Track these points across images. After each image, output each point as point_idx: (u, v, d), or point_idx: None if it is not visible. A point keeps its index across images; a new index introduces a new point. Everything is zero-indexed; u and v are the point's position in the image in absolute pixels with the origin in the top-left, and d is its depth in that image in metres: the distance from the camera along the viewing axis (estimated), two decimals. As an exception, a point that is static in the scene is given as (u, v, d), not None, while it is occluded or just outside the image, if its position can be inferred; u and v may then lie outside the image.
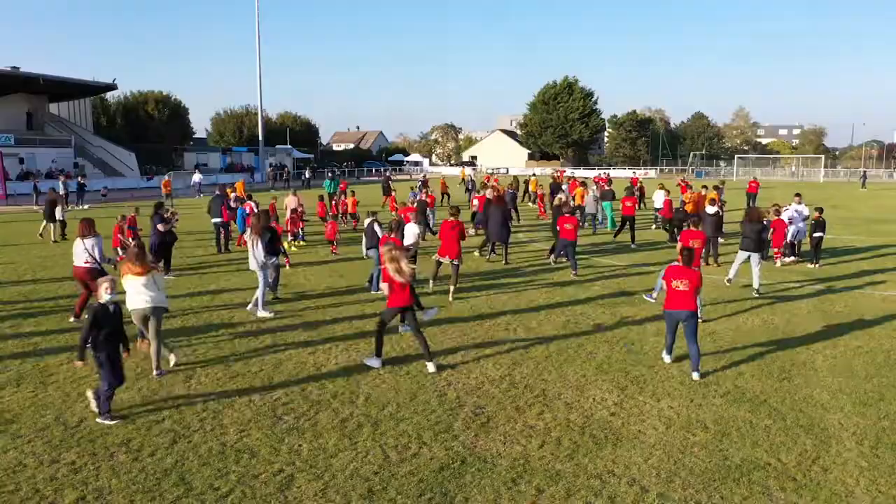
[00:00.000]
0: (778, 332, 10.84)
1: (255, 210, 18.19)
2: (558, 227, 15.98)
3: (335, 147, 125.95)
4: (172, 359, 8.91)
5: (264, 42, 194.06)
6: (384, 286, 8.96)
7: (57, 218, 21.70)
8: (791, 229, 17.65)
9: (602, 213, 24.69)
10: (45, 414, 7.37)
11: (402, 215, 15.75)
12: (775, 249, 17.47)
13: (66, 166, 53.03)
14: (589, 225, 23.82)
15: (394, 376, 8.66)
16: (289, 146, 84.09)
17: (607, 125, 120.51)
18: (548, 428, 7.10)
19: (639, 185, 29.63)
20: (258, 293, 11.70)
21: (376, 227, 13.46)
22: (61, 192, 34.96)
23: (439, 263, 13.41)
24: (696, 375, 8.60)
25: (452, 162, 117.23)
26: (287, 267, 15.32)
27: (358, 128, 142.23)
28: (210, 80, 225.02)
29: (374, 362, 8.94)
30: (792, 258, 17.70)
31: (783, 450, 6.61)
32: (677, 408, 7.68)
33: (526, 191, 36.46)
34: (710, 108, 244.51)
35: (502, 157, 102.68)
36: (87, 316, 7.18)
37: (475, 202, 24.12)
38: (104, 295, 7.19)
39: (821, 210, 17.55)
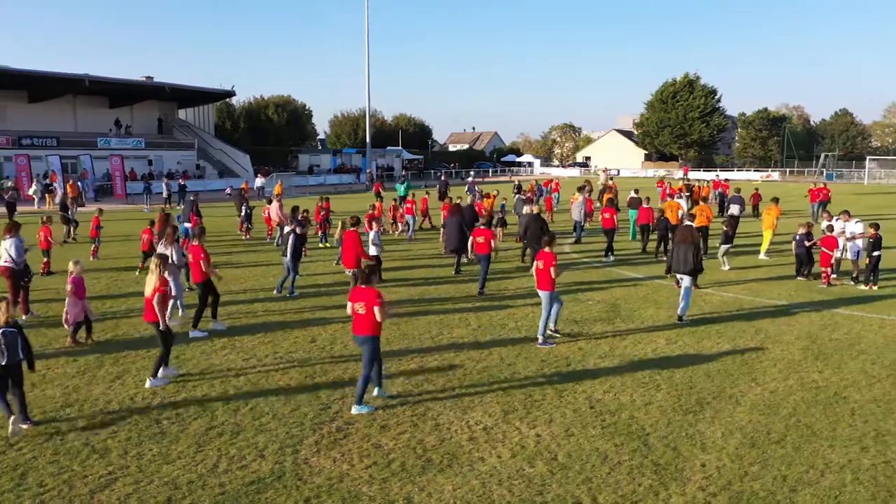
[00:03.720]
0: (736, 361, 10.12)
1: (250, 213, 19.32)
2: (472, 239, 15.05)
3: (450, 148, 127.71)
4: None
5: (385, 44, 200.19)
6: None
7: (69, 218, 22.66)
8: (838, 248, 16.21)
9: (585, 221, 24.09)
10: (-30, 405, 8.30)
11: (368, 220, 15.75)
12: (822, 269, 16.13)
13: (190, 168, 57.62)
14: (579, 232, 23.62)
15: (298, 389, 8.98)
16: (398, 147, 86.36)
17: (738, 124, 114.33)
18: (391, 449, 7.15)
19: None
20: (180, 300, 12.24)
21: (291, 238, 14.21)
22: (164, 193, 38.10)
23: (354, 276, 12.66)
24: (378, 392, 8.60)
25: (568, 163, 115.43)
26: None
27: (473, 128, 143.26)
28: (334, 83, 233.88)
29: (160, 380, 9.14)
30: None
31: (610, 489, 6.30)
32: (544, 437, 7.47)
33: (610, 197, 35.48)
34: (859, 104, 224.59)
35: (617, 157, 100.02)
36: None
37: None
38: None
39: (877, 226, 15.97)
